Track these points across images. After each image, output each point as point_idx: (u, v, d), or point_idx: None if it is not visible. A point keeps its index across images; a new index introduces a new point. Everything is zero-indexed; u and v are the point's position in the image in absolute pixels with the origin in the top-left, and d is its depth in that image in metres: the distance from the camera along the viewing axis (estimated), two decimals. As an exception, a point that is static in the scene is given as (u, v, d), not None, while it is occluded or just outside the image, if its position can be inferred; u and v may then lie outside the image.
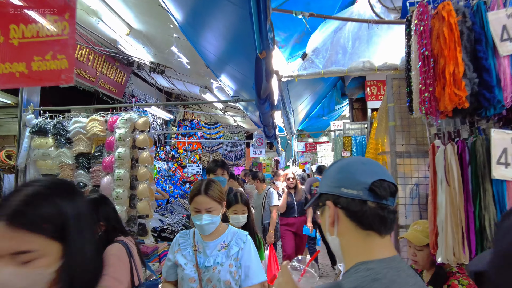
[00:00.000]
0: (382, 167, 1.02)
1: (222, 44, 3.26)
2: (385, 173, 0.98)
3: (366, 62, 2.61)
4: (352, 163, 1.03)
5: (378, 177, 0.95)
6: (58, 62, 1.42)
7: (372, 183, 0.94)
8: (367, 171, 0.97)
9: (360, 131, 5.63)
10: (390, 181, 0.96)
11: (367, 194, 0.94)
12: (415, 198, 2.72)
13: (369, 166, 1.00)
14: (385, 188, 0.94)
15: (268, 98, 2.57)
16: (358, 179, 0.96)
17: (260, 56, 2.21)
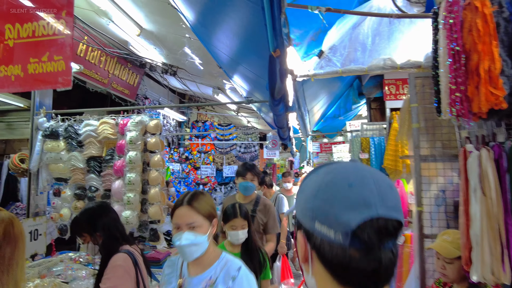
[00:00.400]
0: (382, 186, 0.68)
1: (234, 43, 3.15)
2: (385, 200, 0.66)
3: (387, 60, 2.44)
4: (335, 183, 0.70)
5: (369, 214, 0.63)
6: (54, 64, 1.33)
7: (358, 226, 0.63)
8: (354, 202, 0.65)
9: (378, 132, 5.41)
10: (389, 216, 0.64)
11: (349, 241, 0.64)
12: (441, 205, 2.53)
13: (359, 190, 0.67)
14: (379, 230, 0.63)
15: (283, 99, 2.43)
16: (338, 215, 0.65)
17: (274, 55, 2.08)
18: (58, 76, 1.32)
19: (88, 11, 3.99)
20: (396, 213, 0.66)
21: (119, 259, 1.92)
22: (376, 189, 0.67)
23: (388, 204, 0.65)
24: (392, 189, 0.69)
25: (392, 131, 4.25)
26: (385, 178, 0.71)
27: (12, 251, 1.35)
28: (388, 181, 0.71)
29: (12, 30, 1.37)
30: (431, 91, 2.60)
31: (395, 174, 4.11)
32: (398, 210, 0.67)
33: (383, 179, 0.70)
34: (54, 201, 3.82)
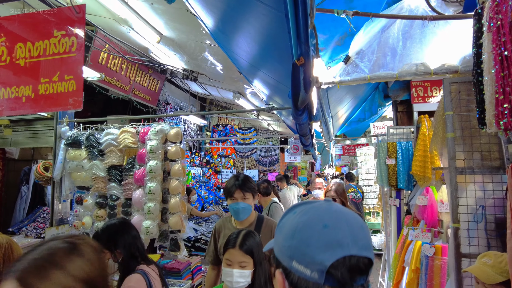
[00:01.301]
0: (354, 227, 0.74)
1: (254, 49, 3.04)
2: (356, 240, 0.72)
3: (420, 65, 2.26)
4: (310, 224, 0.75)
5: (342, 253, 0.70)
6: (65, 84, 1.27)
7: (332, 264, 0.69)
8: (328, 243, 0.71)
9: (405, 136, 5.16)
10: (360, 255, 0.71)
11: (324, 278, 0.70)
12: (481, 222, 2.32)
13: (333, 231, 0.72)
14: (351, 268, 0.70)
15: (306, 108, 2.30)
16: (314, 255, 0.71)
17: (297, 63, 1.95)
18: (69, 97, 1.27)
19: (109, 19, 4.00)
20: (367, 251, 0.73)
21: (132, 280, 1.88)
22: (348, 230, 0.73)
23: (359, 243, 0.72)
24: (363, 229, 0.77)
25: (421, 136, 4.05)
26: (357, 219, 0.78)
27: None
28: (360, 222, 0.78)
29: (24, 49, 1.33)
30: (468, 97, 2.41)
31: (423, 181, 3.90)
32: (369, 248, 0.74)
33: (355, 220, 0.77)
34: (77, 209, 3.85)
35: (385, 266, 5.49)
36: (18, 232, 5.18)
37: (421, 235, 3.59)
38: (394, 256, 4.26)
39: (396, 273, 3.91)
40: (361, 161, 8.58)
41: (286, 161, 7.97)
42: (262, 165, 9.10)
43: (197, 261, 3.93)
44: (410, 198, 4.35)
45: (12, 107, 1.34)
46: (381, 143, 5.00)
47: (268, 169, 9.16)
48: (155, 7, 3.53)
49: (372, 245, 0.82)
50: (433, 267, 3.30)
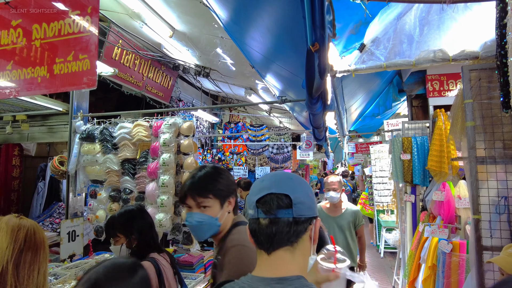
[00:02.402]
0: (283, 179, 1.02)
1: (268, 40, 3.01)
2: (280, 185, 0.98)
3: (438, 52, 2.19)
4: (256, 182, 1.07)
5: (266, 192, 0.98)
6: (80, 63, 1.27)
7: (258, 199, 0.98)
8: (259, 189, 1.01)
9: (421, 131, 5.06)
10: (279, 192, 0.97)
11: (256, 211, 0.98)
12: (503, 213, 2.24)
13: (264, 182, 1.02)
14: (269, 201, 0.96)
15: (321, 97, 2.26)
16: (252, 198, 1.01)
17: (312, 49, 1.92)
18: (83, 76, 1.27)
19: (122, 14, 4.03)
20: (286, 190, 0.97)
21: None
22: (275, 180, 1.01)
23: (281, 187, 0.98)
24: (291, 179, 1.02)
25: (436, 130, 3.96)
26: (287, 174, 1.05)
27: (33, 257, 1.38)
28: (289, 175, 1.05)
29: (39, 30, 1.33)
30: (489, 84, 2.33)
31: (440, 176, 3.81)
32: (290, 189, 0.97)
33: (285, 175, 1.04)
34: (91, 203, 3.89)
35: (400, 264, 5.39)
36: (35, 227, 5.28)
37: (438, 231, 3.51)
38: (410, 253, 4.17)
39: (412, 270, 3.83)
40: (375, 159, 8.45)
41: (298, 158, 7.89)
42: (274, 162, 9.04)
43: (210, 256, 3.92)
44: (426, 194, 4.26)
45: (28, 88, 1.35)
46: (395, 138, 4.92)
47: (280, 166, 9.10)
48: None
49: (299, 191, 0.99)
50: (450, 264, 3.22)
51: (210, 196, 1.58)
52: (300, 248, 0.98)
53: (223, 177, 1.65)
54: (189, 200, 1.60)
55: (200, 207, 1.58)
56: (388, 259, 7.62)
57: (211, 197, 1.58)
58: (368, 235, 8.81)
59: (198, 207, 1.59)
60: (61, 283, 2.66)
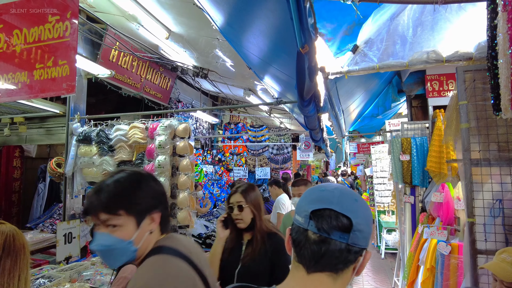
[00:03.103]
0: (345, 195, 0.90)
1: (264, 43, 2.99)
2: (342, 203, 0.87)
3: (431, 53, 2.17)
4: (312, 189, 0.96)
5: (325, 205, 0.87)
6: (59, 69, 1.26)
7: (314, 211, 0.87)
8: (317, 198, 0.90)
9: (420, 132, 5.02)
10: (340, 211, 0.86)
11: (308, 223, 0.87)
12: (498, 217, 2.21)
13: (324, 193, 0.91)
14: (329, 219, 0.85)
15: (313, 99, 2.24)
16: (305, 205, 0.90)
17: (302, 51, 1.90)
18: (62, 82, 1.26)
19: (118, 17, 4.03)
20: (349, 212, 0.85)
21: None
22: (339, 195, 0.89)
23: (343, 205, 0.86)
24: (356, 201, 0.90)
25: (436, 131, 3.93)
26: (352, 192, 0.94)
27: (13, 264, 1.35)
28: (354, 195, 0.92)
29: (20, 36, 1.33)
30: (483, 86, 2.30)
31: (439, 178, 3.78)
32: (352, 212, 0.86)
33: (350, 193, 0.92)
34: (88, 205, 3.89)
35: (400, 266, 5.36)
36: (36, 228, 5.31)
37: (437, 233, 3.48)
38: (409, 255, 4.14)
39: (411, 272, 3.80)
40: (376, 159, 8.40)
41: (298, 158, 7.85)
42: (274, 163, 9.02)
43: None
44: (425, 195, 4.23)
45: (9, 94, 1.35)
46: (395, 139, 4.89)
47: (280, 167, 9.07)
48: (162, 1, 3.52)
49: (361, 215, 0.88)
50: (449, 266, 3.19)
51: (120, 213, 1.20)
52: (343, 277, 0.89)
53: (142, 186, 1.28)
54: (93, 217, 1.22)
55: (107, 226, 1.21)
56: (389, 260, 7.57)
57: (121, 214, 1.21)
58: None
59: (105, 226, 1.21)
60: (55, 285, 2.66)
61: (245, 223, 2.16)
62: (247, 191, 2.22)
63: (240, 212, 2.15)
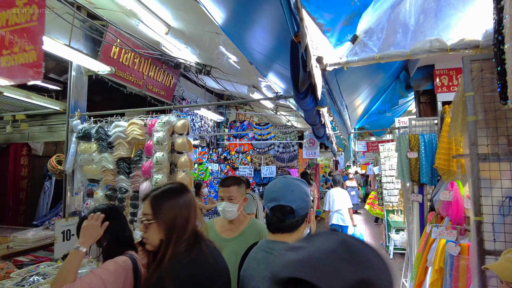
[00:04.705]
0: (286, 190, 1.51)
1: (266, 39, 2.90)
2: (285, 197, 1.49)
3: (435, 41, 2.04)
4: (268, 189, 1.59)
5: (276, 203, 1.51)
6: (26, 55, 1.21)
7: (271, 208, 1.52)
8: (271, 198, 1.53)
9: (429, 128, 4.86)
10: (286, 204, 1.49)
11: (270, 214, 1.53)
12: (508, 215, 2.07)
13: (275, 193, 1.53)
14: (280, 209, 1.49)
15: (310, 92, 2.14)
16: (268, 204, 1.55)
17: (295, 40, 1.81)
18: (29, 68, 1.20)
19: (118, 13, 3.99)
20: (291, 203, 1.46)
21: (119, 259, 1.81)
22: (282, 193, 1.49)
23: (286, 199, 1.47)
24: (292, 191, 1.50)
25: (445, 127, 3.79)
26: (290, 185, 1.52)
27: None
28: (291, 187, 1.52)
29: (-13, 21, 1.28)
30: (492, 76, 2.15)
31: (448, 175, 3.65)
32: (292, 201, 1.47)
33: (289, 186, 1.52)
34: (88, 202, 3.87)
35: (408, 266, 5.20)
36: (41, 225, 5.34)
37: (446, 233, 3.35)
38: (417, 255, 4.01)
39: (419, 273, 3.67)
40: (384, 157, 8.20)
41: (304, 157, 7.71)
42: (280, 161, 8.89)
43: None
44: (434, 194, 4.08)
45: (-24, 82, 1.32)
46: (402, 136, 4.74)
47: (287, 166, 8.94)
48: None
49: (298, 200, 1.48)
50: (458, 267, 3.06)
51: None
52: (297, 232, 1.52)
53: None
54: None
55: None
56: (398, 260, 7.40)
57: None
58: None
59: None
60: (49, 283, 2.62)
61: (151, 245, 1.54)
62: (161, 199, 1.58)
63: (145, 229, 1.55)
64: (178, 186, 1.67)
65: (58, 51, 3.39)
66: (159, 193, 1.59)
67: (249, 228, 2.51)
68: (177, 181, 2.23)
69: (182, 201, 1.58)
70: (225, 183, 2.55)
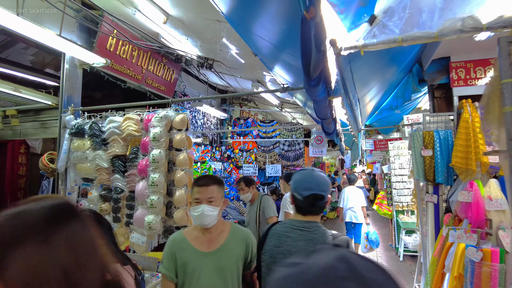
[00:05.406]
0: (319, 181, 1.90)
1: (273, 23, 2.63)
2: (319, 186, 1.87)
3: (468, 19, 1.76)
4: (301, 179, 1.94)
5: (311, 192, 1.86)
6: None
7: (306, 196, 1.87)
8: (306, 187, 1.89)
9: (444, 125, 4.56)
10: (319, 193, 1.87)
11: (303, 200, 1.87)
12: (553, 220, 1.79)
13: (309, 184, 1.89)
14: (314, 197, 1.86)
15: (322, 78, 1.87)
16: (301, 191, 1.89)
17: (307, 16, 1.54)
18: None
19: (114, 1, 3.74)
20: (322, 192, 1.86)
21: None
22: (317, 183, 1.86)
23: (320, 189, 1.85)
24: (324, 183, 1.89)
25: (462, 123, 3.53)
26: (322, 178, 1.91)
27: None
28: (324, 179, 1.91)
29: None
30: (533, 60, 1.88)
31: (466, 175, 3.41)
32: (324, 191, 1.87)
33: (322, 178, 1.90)
34: (81, 202, 3.63)
35: (421, 270, 4.93)
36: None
37: (465, 237, 3.09)
38: (432, 260, 3.74)
39: (435, 279, 3.41)
40: (394, 156, 7.90)
41: (311, 155, 7.42)
42: (285, 160, 8.61)
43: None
44: (450, 194, 3.82)
45: None
46: (416, 132, 4.46)
47: (292, 164, 8.65)
48: (156, -21, 3.21)
49: (327, 190, 1.90)
50: (480, 274, 2.80)
51: None
52: (321, 214, 1.95)
53: None
54: None
55: None
56: (408, 263, 7.11)
57: None
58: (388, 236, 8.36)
59: None
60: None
61: None
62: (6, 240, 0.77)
63: None
64: (50, 207, 0.86)
65: (48, 41, 3.14)
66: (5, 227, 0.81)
67: (232, 236, 2.13)
68: (56, 196, 1.00)
69: (56, 241, 0.81)
70: (202, 182, 2.10)
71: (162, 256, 2.06)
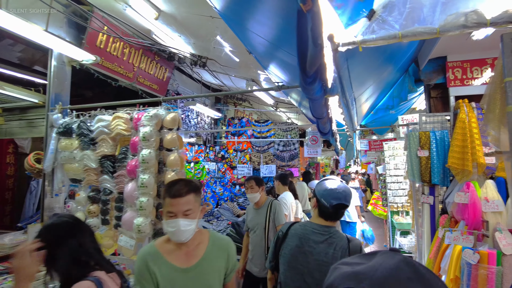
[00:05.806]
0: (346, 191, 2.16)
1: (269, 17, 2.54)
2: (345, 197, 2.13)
3: (471, 14, 1.68)
4: (330, 188, 2.17)
5: (339, 201, 2.10)
6: None
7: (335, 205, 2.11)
8: (334, 197, 2.12)
9: (440, 125, 4.52)
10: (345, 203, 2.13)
11: (331, 208, 2.10)
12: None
13: (337, 193, 2.13)
14: (340, 206, 2.11)
15: (318, 76, 1.78)
16: (329, 200, 2.11)
17: (304, 8, 1.45)
18: None
19: (103, -5, 3.63)
20: (347, 202, 2.14)
21: (79, 286, 1.45)
22: (345, 195, 2.13)
23: (346, 200, 2.13)
24: (348, 195, 2.17)
25: (459, 123, 3.51)
26: (347, 188, 2.21)
27: None
28: (349, 191, 2.20)
29: None
30: (536, 58, 1.82)
31: (462, 175, 3.39)
32: (348, 201, 2.14)
33: (348, 190, 2.19)
34: (69, 204, 3.50)
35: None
36: (26, 228, 4.98)
37: (461, 238, 3.05)
38: (428, 262, 3.70)
39: (431, 282, 3.34)
40: (389, 156, 7.86)
41: (306, 155, 7.35)
42: (280, 160, 8.52)
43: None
44: (447, 196, 3.79)
45: None
46: (412, 133, 4.41)
47: (287, 164, 8.57)
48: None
49: (350, 201, 2.16)
50: (477, 277, 2.76)
51: None
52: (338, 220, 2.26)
53: None
54: None
55: None
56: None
57: None
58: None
59: None
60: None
61: None
62: None
63: None
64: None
65: (33, 36, 3.01)
66: None
67: (212, 247, 1.91)
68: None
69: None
70: (175, 192, 1.76)
71: (134, 277, 1.77)
